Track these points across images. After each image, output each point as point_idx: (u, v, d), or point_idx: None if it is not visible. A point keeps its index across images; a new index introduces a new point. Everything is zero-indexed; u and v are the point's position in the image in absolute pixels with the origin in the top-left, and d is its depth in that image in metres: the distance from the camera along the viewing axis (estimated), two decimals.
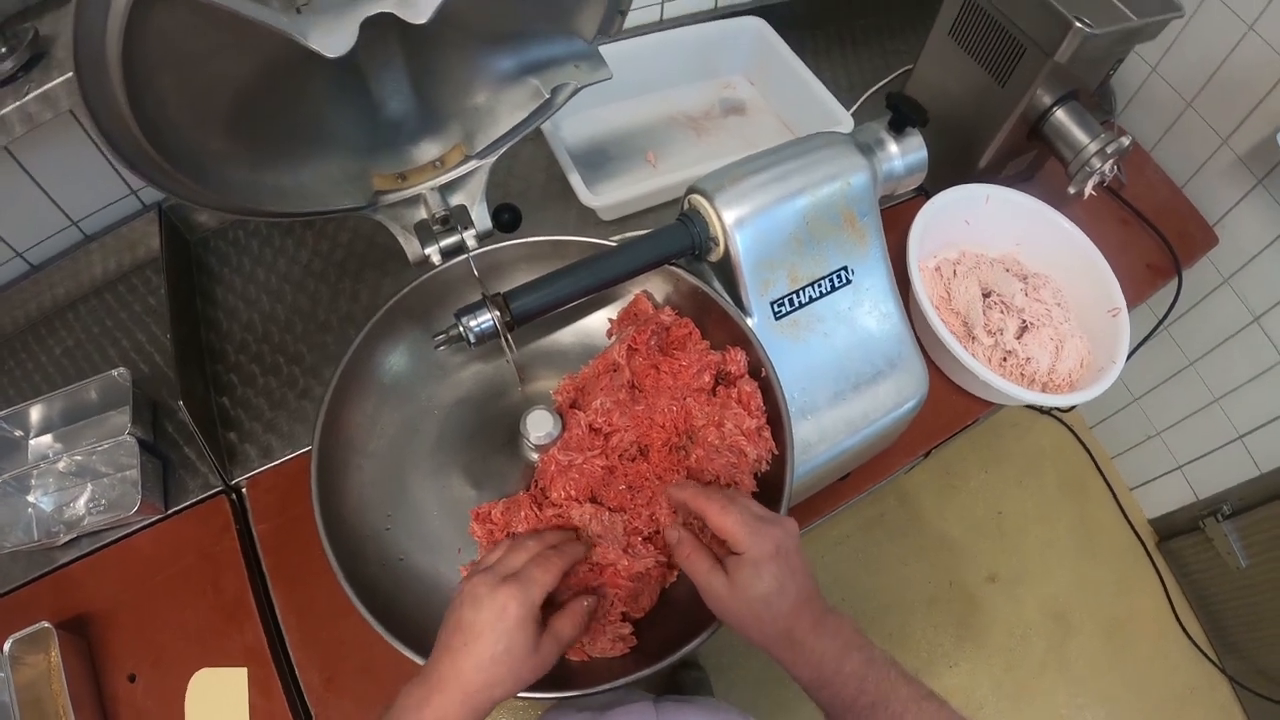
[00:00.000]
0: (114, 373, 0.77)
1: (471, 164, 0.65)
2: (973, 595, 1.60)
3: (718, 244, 0.60)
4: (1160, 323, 1.09)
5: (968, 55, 0.90)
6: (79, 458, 0.75)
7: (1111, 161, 0.87)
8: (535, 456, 0.59)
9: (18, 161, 0.76)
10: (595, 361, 0.60)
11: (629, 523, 0.54)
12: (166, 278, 0.80)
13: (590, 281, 0.56)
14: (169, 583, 0.73)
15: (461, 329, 0.54)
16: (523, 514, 0.54)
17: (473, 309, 0.54)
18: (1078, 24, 0.75)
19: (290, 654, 0.70)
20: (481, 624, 0.43)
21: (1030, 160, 1.01)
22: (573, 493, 0.54)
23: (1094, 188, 0.90)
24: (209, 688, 0.69)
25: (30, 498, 0.75)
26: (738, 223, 0.59)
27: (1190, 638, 1.58)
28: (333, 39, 0.45)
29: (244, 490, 0.77)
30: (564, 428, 0.57)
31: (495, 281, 0.64)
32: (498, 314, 0.54)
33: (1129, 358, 0.85)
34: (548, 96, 0.62)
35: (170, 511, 0.76)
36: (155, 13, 0.41)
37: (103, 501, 0.77)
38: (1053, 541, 1.66)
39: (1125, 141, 0.86)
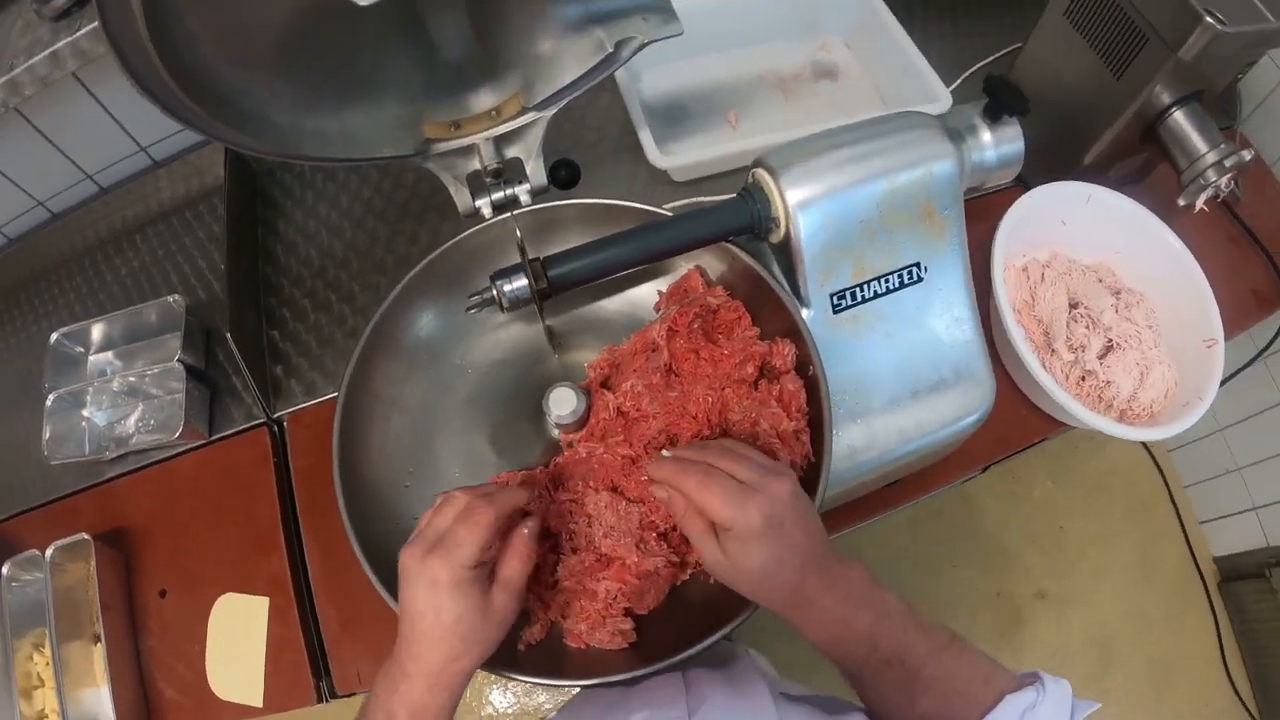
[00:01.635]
0: (170, 298, 0.79)
1: (529, 116, 0.62)
2: (1018, 609, 1.54)
3: (779, 225, 0.56)
4: (1260, 354, 0.99)
5: (1083, 40, 0.81)
6: (132, 378, 0.77)
7: (1230, 176, 0.78)
8: (557, 433, 0.57)
9: (86, 88, 0.77)
10: (635, 338, 0.57)
11: (645, 516, 0.51)
12: (228, 208, 0.80)
13: (636, 254, 0.53)
14: (205, 506, 0.75)
15: (495, 292, 0.52)
16: (537, 492, 0.52)
17: (508, 272, 0.52)
18: (1208, 19, 0.66)
19: (312, 589, 0.72)
20: (419, 601, 0.41)
21: (1141, 163, 0.91)
22: (590, 482, 0.52)
23: (1206, 202, 0.81)
24: (232, 612, 0.71)
25: (85, 412, 0.78)
26: (802, 204, 0.55)
27: (1236, 690, 1.48)
28: None
29: (285, 424, 0.79)
30: (589, 408, 0.55)
31: (543, 242, 0.62)
32: (533, 280, 0.51)
33: (1220, 386, 0.77)
34: (611, 50, 0.58)
35: (214, 438, 0.78)
36: None
37: (151, 422, 0.79)
38: (1110, 565, 1.58)
39: (1247, 155, 0.77)
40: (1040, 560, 1.58)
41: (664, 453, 0.48)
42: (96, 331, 0.80)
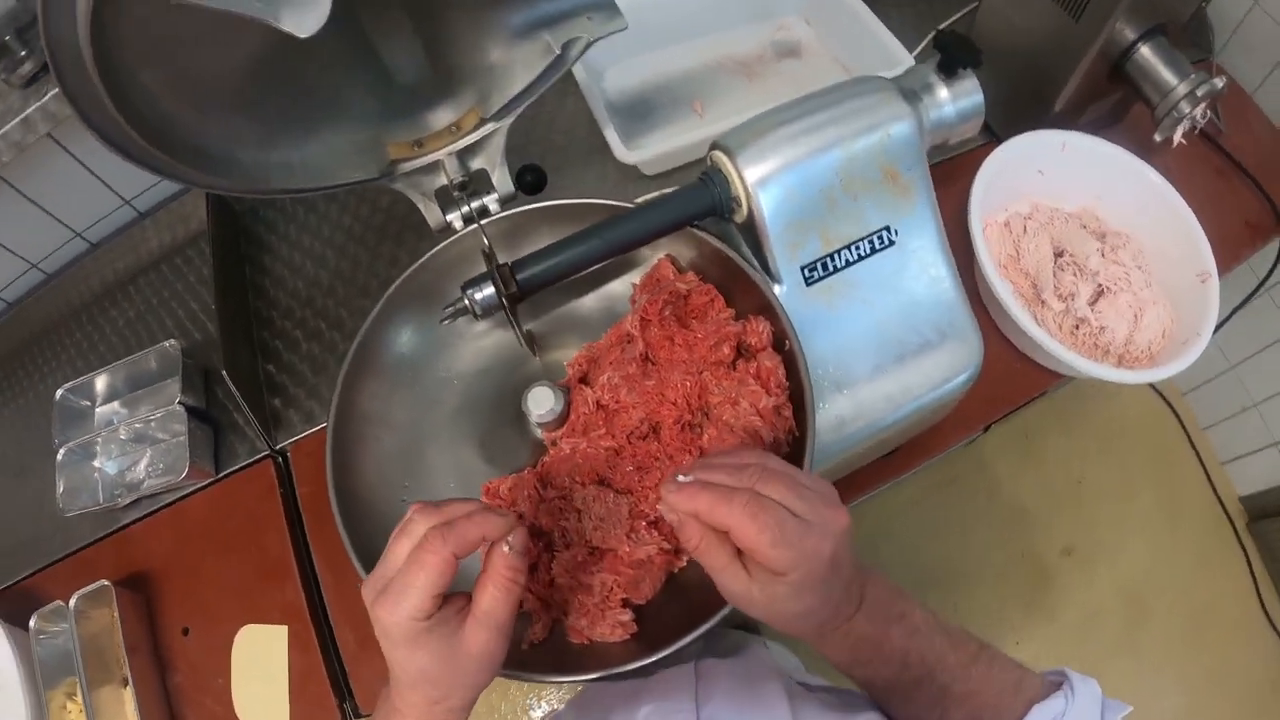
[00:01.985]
0: (166, 343, 0.81)
1: (488, 127, 0.63)
2: (1045, 568, 1.52)
3: (740, 204, 0.56)
4: (1260, 285, 0.97)
5: None
6: (138, 425, 0.79)
7: (1204, 105, 0.77)
8: (540, 434, 0.58)
9: (64, 147, 0.79)
10: (610, 331, 0.57)
11: (635, 506, 0.51)
12: (213, 250, 0.82)
13: (601, 249, 0.53)
14: (218, 543, 0.77)
15: (467, 301, 0.52)
16: (525, 493, 0.52)
17: (478, 281, 0.53)
18: None
19: (328, 613, 0.73)
20: (386, 646, 0.37)
21: (1114, 104, 0.90)
22: (577, 478, 0.52)
23: (1184, 135, 0.80)
24: (252, 643, 0.72)
25: (96, 463, 0.80)
26: (761, 181, 0.55)
27: (1275, 627, 1.46)
28: (305, 17, 0.42)
29: (288, 454, 0.80)
30: (568, 405, 0.55)
31: (517, 247, 0.62)
32: (501, 285, 0.52)
33: (1225, 323, 0.76)
34: (559, 52, 0.59)
35: (221, 475, 0.79)
36: (120, 11, 0.40)
37: (160, 465, 0.81)
38: (1134, 515, 1.56)
39: (1219, 83, 0.76)
40: (1062, 516, 1.55)
41: (679, 477, 0.38)
42: (100, 383, 0.82)
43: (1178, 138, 0.80)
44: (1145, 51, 0.78)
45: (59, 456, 0.77)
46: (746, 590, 0.36)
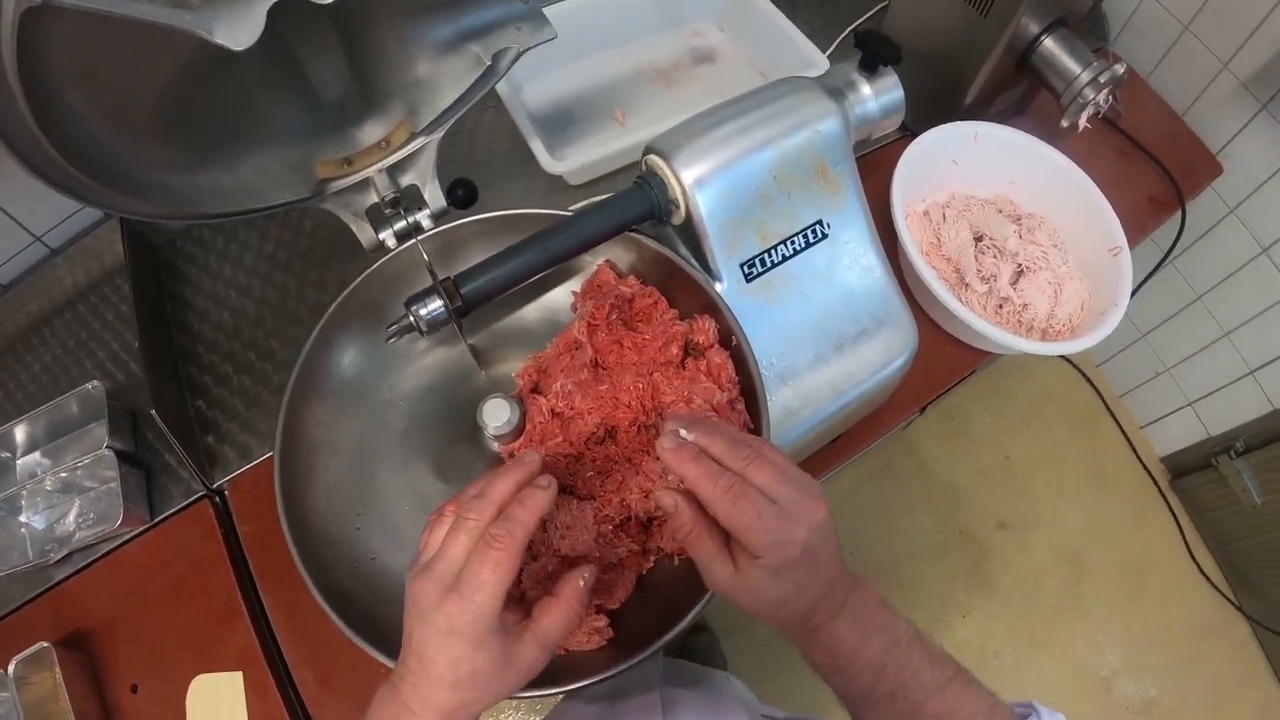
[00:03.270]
0: (89, 386, 0.76)
1: (418, 141, 0.62)
2: (983, 543, 1.58)
3: (678, 206, 0.57)
4: (1165, 257, 1.04)
5: None
6: (64, 474, 0.74)
7: (1106, 91, 0.82)
8: (497, 447, 0.57)
9: None
10: (557, 340, 0.57)
11: (599, 510, 0.51)
12: (133, 285, 0.78)
13: (544, 257, 0.54)
14: (161, 591, 0.73)
15: (412, 318, 0.52)
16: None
17: (422, 296, 0.52)
18: None
19: (284, 654, 0.70)
20: (431, 646, 0.36)
21: (1020, 94, 0.96)
22: None
23: (1089, 119, 0.85)
24: (207, 693, 0.69)
25: (22, 518, 0.75)
26: (698, 182, 0.56)
27: (1207, 577, 1.56)
28: (239, 31, 0.42)
29: (226, 493, 0.77)
30: (523, 415, 0.55)
31: (452, 262, 0.62)
32: (447, 300, 0.52)
33: (1133, 294, 0.81)
34: (489, 63, 0.59)
35: (156, 520, 0.76)
36: (45, 28, 0.39)
37: (91, 515, 0.76)
38: (1063, 484, 1.64)
39: (1120, 69, 0.81)
40: (995, 492, 1.62)
41: (681, 431, 0.40)
42: (20, 433, 0.77)
43: (1083, 122, 0.85)
44: (1049, 43, 0.83)
45: None
46: (730, 577, 0.39)
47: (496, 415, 0.54)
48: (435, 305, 0.52)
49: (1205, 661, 1.50)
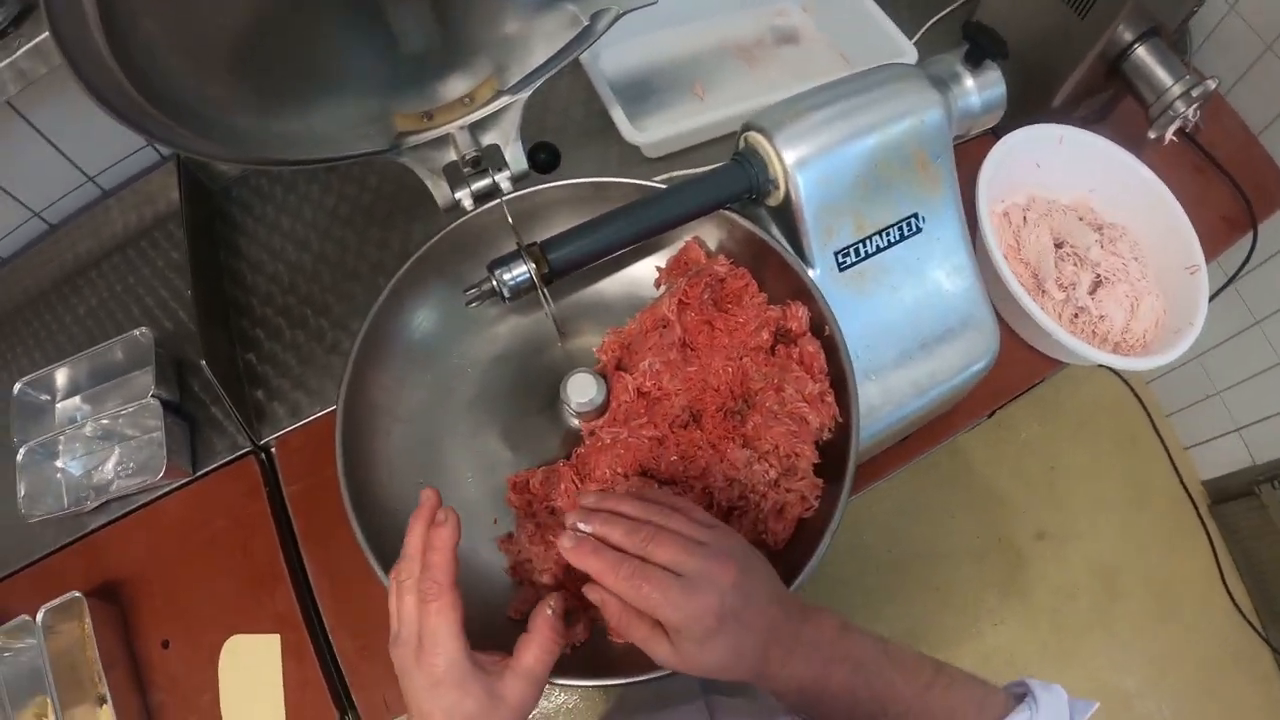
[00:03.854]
0: (136, 332, 0.75)
1: (504, 99, 0.59)
2: (1021, 551, 1.56)
3: (777, 186, 0.55)
4: (1232, 279, 1.01)
5: None
6: (105, 421, 0.73)
7: (1196, 105, 0.79)
8: (577, 423, 0.55)
9: (24, 117, 0.72)
10: (642, 316, 0.55)
11: (680, 496, 0.49)
12: (187, 231, 0.76)
13: (637, 229, 0.51)
14: (199, 547, 0.72)
15: (495, 283, 0.50)
16: (562, 486, 0.50)
17: (507, 260, 0.50)
18: None
19: (324, 620, 0.69)
20: (426, 704, 0.38)
21: (1105, 101, 0.92)
22: (619, 470, 0.50)
23: (1174, 133, 0.82)
24: (242, 654, 0.68)
25: (59, 463, 0.74)
26: (800, 163, 0.53)
27: (1237, 606, 1.53)
28: None
29: (273, 450, 0.75)
30: (609, 393, 0.53)
31: (531, 228, 0.59)
32: (534, 266, 0.49)
33: None
34: (586, 23, 0.56)
35: (198, 473, 0.74)
36: None
37: (130, 464, 0.75)
38: (1103, 498, 1.61)
39: (1211, 85, 0.78)
40: (1036, 501, 1.60)
41: (580, 525, 0.41)
42: (61, 376, 0.76)
43: (1169, 135, 0.82)
44: (1142, 52, 0.80)
45: (19, 457, 0.70)
46: (668, 654, 0.39)
47: (583, 391, 0.51)
48: (520, 271, 0.50)
49: (1227, 691, 1.48)
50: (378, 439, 0.56)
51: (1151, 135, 0.83)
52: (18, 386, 0.73)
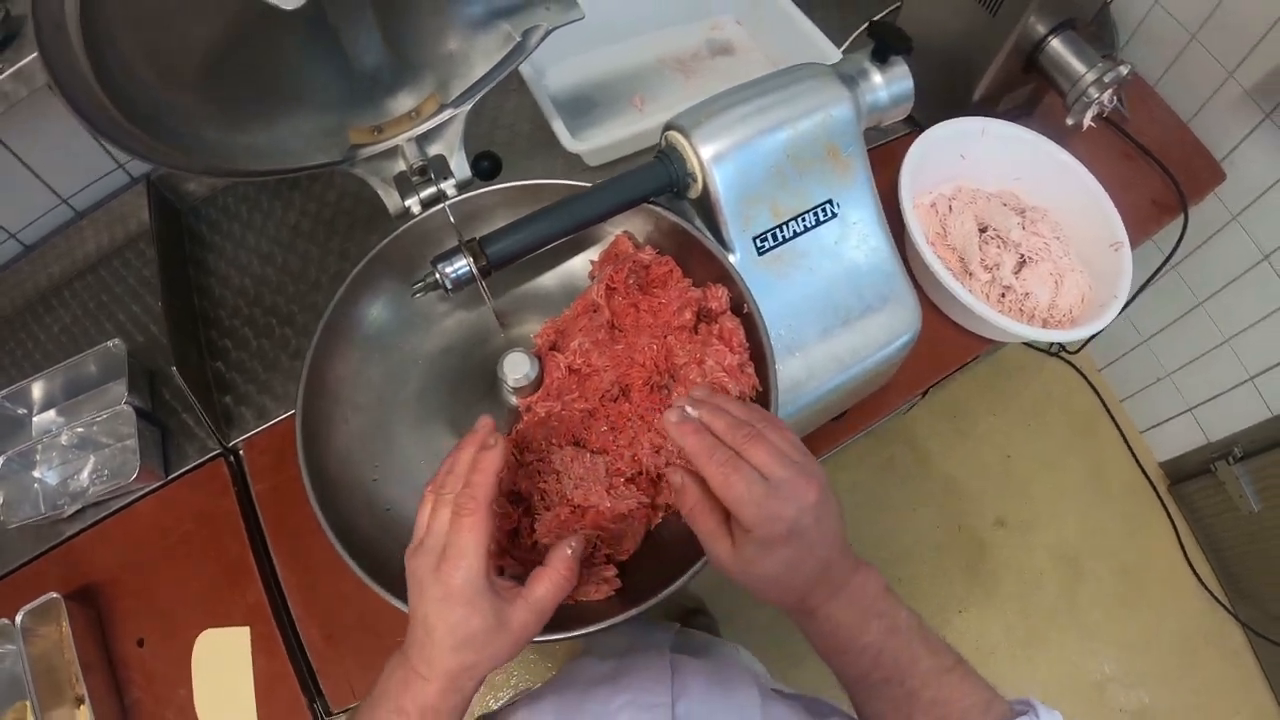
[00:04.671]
0: (109, 344, 0.78)
1: (447, 113, 0.64)
2: (982, 540, 1.60)
3: (696, 180, 0.59)
4: (1166, 261, 1.06)
5: None
6: (80, 430, 0.76)
7: (1110, 91, 0.84)
8: (515, 401, 0.59)
9: (1, 142, 0.76)
10: (575, 303, 0.59)
11: (611, 464, 0.53)
12: (157, 249, 0.80)
13: (567, 222, 0.55)
14: (172, 547, 0.74)
15: (438, 275, 0.53)
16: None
17: (448, 255, 0.54)
18: None
19: (291, 612, 0.71)
20: (432, 614, 0.39)
21: (1028, 94, 0.98)
22: (554, 440, 0.54)
23: (1094, 119, 0.87)
24: (214, 648, 0.70)
25: (35, 473, 0.77)
26: (716, 158, 0.58)
27: (1202, 582, 1.56)
28: None
29: (241, 452, 0.78)
30: (542, 371, 0.57)
31: (474, 229, 0.63)
32: (473, 259, 0.53)
33: (1135, 297, 0.83)
34: (519, 40, 0.61)
35: (171, 477, 0.77)
36: None
37: (105, 471, 0.78)
38: (1062, 485, 1.65)
39: (1124, 70, 0.83)
40: (994, 490, 1.64)
41: (688, 408, 0.43)
42: (37, 390, 0.79)
43: (1087, 121, 0.87)
44: (1056, 44, 0.86)
45: None
46: (727, 552, 0.40)
47: (517, 368, 0.55)
48: (460, 264, 0.54)
49: (1199, 668, 1.51)
50: (336, 425, 0.59)
51: (1070, 122, 0.88)
52: None
